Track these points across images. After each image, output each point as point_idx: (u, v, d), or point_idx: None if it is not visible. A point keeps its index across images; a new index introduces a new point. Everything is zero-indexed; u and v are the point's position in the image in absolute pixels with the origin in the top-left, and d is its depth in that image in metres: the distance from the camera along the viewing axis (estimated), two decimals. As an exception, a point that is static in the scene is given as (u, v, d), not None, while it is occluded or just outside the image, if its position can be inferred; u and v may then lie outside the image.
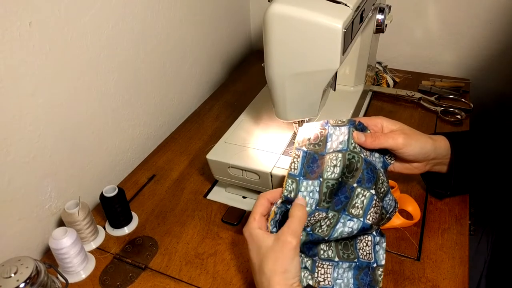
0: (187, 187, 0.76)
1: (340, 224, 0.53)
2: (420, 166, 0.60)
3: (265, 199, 0.53)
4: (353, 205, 0.53)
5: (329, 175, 0.53)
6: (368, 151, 0.58)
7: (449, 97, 0.95)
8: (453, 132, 0.63)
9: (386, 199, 0.56)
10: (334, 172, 0.52)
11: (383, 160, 0.60)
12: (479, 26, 1.00)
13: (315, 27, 0.50)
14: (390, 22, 0.77)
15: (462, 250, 0.60)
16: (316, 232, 0.52)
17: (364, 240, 0.57)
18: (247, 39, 1.28)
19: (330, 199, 0.53)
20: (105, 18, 0.69)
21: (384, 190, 0.56)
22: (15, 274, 0.48)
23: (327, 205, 0.53)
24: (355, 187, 0.53)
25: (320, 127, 0.58)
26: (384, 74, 1.02)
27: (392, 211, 0.58)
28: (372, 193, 0.53)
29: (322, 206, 0.53)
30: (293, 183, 0.53)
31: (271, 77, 0.58)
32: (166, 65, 0.89)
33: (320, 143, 0.56)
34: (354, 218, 0.53)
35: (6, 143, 0.57)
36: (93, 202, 0.75)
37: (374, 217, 0.53)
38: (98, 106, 0.72)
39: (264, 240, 0.49)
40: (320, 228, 0.52)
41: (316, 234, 0.52)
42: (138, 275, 0.60)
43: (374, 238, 0.57)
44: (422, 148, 0.57)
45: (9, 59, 0.54)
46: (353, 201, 0.53)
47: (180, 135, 0.91)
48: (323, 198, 0.52)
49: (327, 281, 0.54)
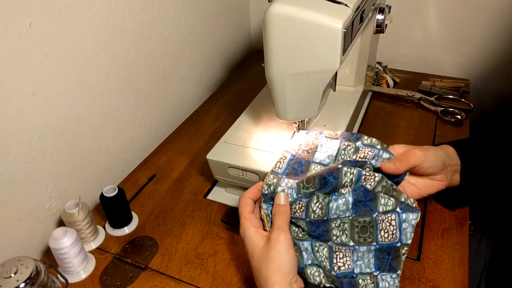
0: (187, 187, 0.76)
1: (332, 202, 0.52)
2: (442, 178, 0.58)
3: (246, 198, 0.54)
4: (343, 184, 0.53)
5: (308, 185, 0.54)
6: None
7: (449, 97, 0.95)
8: (453, 141, 0.63)
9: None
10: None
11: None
12: (479, 26, 1.00)
13: (315, 27, 0.50)
14: (390, 22, 0.77)
15: (462, 250, 0.60)
16: (313, 218, 0.52)
17: (386, 219, 0.53)
18: (247, 39, 1.28)
19: (308, 185, 0.53)
20: (105, 18, 0.69)
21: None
22: (15, 274, 0.48)
23: (310, 191, 0.53)
24: (341, 167, 0.53)
25: (314, 136, 0.60)
26: (384, 74, 1.02)
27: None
28: (359, 170, 0.53)
29: (303, 193, 0.53)
30: (274, 178, 0.55)
31: (271, 77, 0.58)
32: (166, 65, 0.89)
33: (309, 151, 0.58)
34: (346, 193, 0.53)
35: (6, 143, 0.57)
36: (93, 202, 0.75)
37: (370, 183, 0.53)
38: (98, 106, 0.72)
39: (258, 241, 0.50)
40: (314, 214, 0.52)
41: (314, 219, 0.52)
42: (138, 275, 0.60)
43: (399, 216, 0.53)
44: (437, 156, 0.56)
45: (9, 59, 0.54)
46: (342, 180, 0.53)
47: (180, 135, 0.91)
48: (302, 185, 0.53)
49: (347, 265, 0.52)
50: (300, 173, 0.56)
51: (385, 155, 0.57)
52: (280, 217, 0.51)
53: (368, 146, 0.58)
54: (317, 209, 0.52)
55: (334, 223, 0.53)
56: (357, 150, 0.58)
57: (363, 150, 0.58)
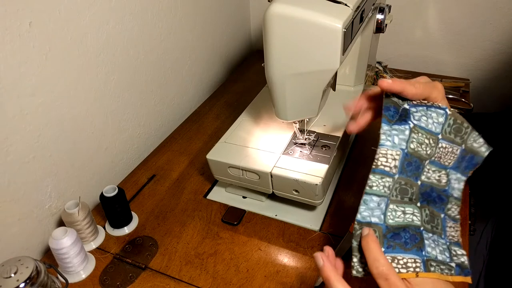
0: (187, 187, 0.76)
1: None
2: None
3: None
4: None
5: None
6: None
7: (449, 97, 0.95)
8: (469, 114, 0.61)
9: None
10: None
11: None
12: (479, 26, 1.00)
13: (315, 27, 0.50)
14: (390, 22, 0.77)
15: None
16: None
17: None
18: (247, 39, 1.28)
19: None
20: (105, 18, 0.69)
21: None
22: (15, 274, 0.48)
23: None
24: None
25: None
26: (384, 74, 1.02)
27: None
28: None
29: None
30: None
31: (271, 77, 0.58)
32: (166, 65, 0.89)
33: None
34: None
35: (6, 143, 0.57)
36: (93, 202, 0.75)
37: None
38: (98, 106, 0.72)
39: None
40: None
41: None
42: (138, 275, 0.60)
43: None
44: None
45: (9, 59, 0.54)
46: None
47: (180, 135, 0.91)
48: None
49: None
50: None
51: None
52: (374, 250, 0.42)
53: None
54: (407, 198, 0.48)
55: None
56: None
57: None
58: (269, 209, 0.70)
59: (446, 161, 0.51)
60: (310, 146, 0.67)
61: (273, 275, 0.59)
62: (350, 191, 0.73)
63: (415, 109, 0.49)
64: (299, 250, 0.62)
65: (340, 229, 0.65)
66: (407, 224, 0.46)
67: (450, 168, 0.52)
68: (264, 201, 0.71)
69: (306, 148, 0.66)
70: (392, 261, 0.44)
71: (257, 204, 0.71)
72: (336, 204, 0.70)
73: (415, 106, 0.49)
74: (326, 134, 0.69)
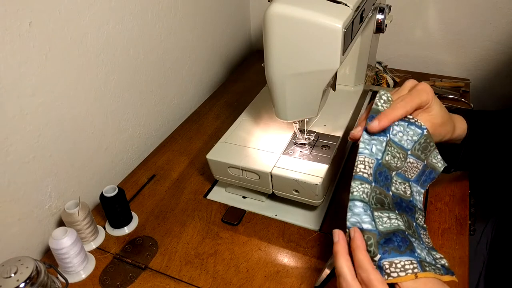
0: (187, 187, 0.76)
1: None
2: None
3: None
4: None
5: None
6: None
7: (449, 97, 0.95)
8: (473, 111, 0.61)
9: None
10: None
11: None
12: (479, 26, 1.00)
13: (315, 27, 0.50)
14: (390, 22, 0.77)
15: (462, 250, 0.60)
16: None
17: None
18: (247, 39, 1.28)
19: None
20: (105, 18, 0.69)
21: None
22: (15, 274, 0.48)
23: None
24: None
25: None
26: (384, 74, 1.02)
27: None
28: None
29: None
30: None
31: (271, 77, 0.58)
32: (166, 65, 0.89)
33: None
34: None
35: (6, 143, 0.57)
36: (93, 202, 0.75)
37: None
38: (98, 106, 0.72)
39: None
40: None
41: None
42: (138, 275, 0.60)
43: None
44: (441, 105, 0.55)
45: (9, 59, 0.54)
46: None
47: (180, 135, 0.91)
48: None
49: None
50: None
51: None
52: (361, 257, 0.45)
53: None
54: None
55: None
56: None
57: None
58: (269, 209, 0.70)
59: (409, 174, 0.56)
60: (310, 146, 0.67)
61: (273, 275, 0.59)
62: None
63: (396, 123, 0.53)
64: (299, 250, 0.62)
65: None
66: (396, 229, 0.48)
67: (412, 181, 0.56)
68: (264, 201, 0.71)
69: (306, 148, 0.66)
70: (390, 266, 0.44)
71: (257, 204, 0.71)
72: (336, 204, 0.70)
73: (398, 120, 0.53)
74: (326, 134, 0.69)
